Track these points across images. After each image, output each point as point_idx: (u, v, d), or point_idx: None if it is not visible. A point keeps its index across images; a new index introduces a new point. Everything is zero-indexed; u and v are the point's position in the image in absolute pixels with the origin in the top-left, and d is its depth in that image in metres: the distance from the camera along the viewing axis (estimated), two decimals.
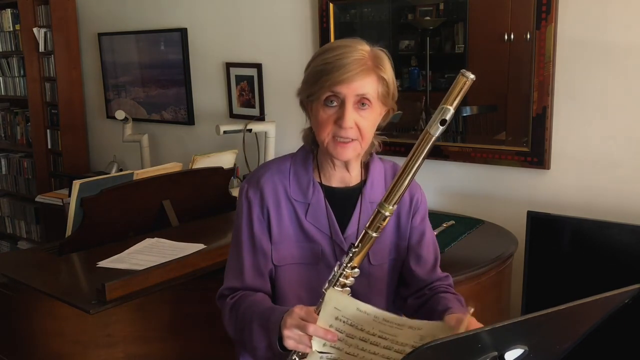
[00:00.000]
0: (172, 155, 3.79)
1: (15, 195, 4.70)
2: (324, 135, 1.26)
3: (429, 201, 2.84)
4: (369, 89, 1.24)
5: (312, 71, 1.26)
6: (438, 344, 0.87)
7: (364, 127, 1.26)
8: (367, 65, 1.23)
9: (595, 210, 2.30)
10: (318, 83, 1.23)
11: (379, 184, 1.40)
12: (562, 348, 1.09)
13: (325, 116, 1.25)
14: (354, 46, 1.25)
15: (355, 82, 1.21)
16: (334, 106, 1.24)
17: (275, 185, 1.36)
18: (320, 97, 1.24)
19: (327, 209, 1.35)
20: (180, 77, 3.75)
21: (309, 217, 1.35)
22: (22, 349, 2.02)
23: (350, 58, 1.21)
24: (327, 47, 1.28)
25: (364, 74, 1.22)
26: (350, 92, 1.22)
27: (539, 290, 2.05)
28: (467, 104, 2.76)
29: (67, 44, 4.26)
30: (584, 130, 2.37)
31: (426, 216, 1.46)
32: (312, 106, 1.29)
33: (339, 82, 1.21)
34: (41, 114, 4.41)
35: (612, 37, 2.25)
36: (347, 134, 1.24)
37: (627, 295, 1.03)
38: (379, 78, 1.25)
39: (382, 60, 1.27)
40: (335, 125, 1.24)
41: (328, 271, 1.24)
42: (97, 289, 1.78)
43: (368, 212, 1.35)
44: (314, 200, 1.35)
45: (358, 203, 1.37)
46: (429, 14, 2.77)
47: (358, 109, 1.25)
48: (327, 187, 1.37)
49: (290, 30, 3.15)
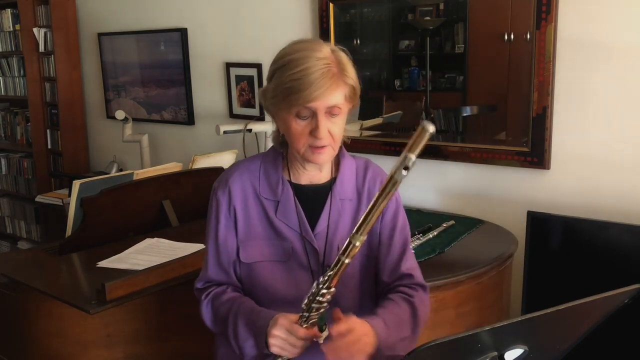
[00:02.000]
0: (172, 155, 3.79)
1: (15, 195, 4.70)
2: (299, 146, 1.30)
3: (429, 201, 2.87)
4: (338, 98, 1.27)
5: (281, 87, 1.26)
6: (438, 343, 0.87)
7: (336, 132, 1.30)
8: (334, 76, 1.25)
9: (595, 210, 2.30)
10: (287, 100, 1.25)
11: (349, 181, 1.42)
12: (562, 348, 1.09)
13: (299, 128, 1.28)
14: (316, 54, 1.25)
15: (326, 97, 1.24)
16: (307, 119, 1.27)
17: (243, 184, 1.39)
18: (291, 111, 1.27)
19: (297, 206, 1.37)
20: (180, 77, 3.75)
21: (279, 215, 1.37)
22: (22, 349, 2.02)
23: (317, 72, 1.23)
24: (290, 57, 1.27)
25: (334, 87, 1.25)
26: (321, 105, 1.25)
27: (539, 290, 2.05)
28: (467, 104, 2.76)
29: (67, 44, 4.26)
30: (584, 130, 2.37)
31: (398, 213, 1.45)
32: (282, 116, 1.31)
33: (310, 100, 1.23)
34: (41, 114, 4.41)
35: (612, 37, 2.25)
36: (322, 143, 1.28)
37: (627, 295, 1.03)
38: (345, 84, 1.28)
39: (346, 65, 1.29)
40: (310, 136, 1.28)
41: (299, 268, 1.34)
42: (97, 289, 1.78)
43: (338, 208, 1.39)
44: (283, 197, 1.38)
45: (328, 200, 1.39)
46: (429, 14, 2.77)
47: (329, 117, 1.28)
48: (296, 185, 1.40)
49: (290, 30, 3.15)
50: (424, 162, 2.79)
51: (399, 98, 2.98)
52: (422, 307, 1.38)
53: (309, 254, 1.37)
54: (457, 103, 2.78)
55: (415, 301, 1.37)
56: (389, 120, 2.99)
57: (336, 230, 1.38)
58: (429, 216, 2.60)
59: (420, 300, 1.39)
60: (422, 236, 2.27)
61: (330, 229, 1.37)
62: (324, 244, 1.38)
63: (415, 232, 2.31)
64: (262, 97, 1.35)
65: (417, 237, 2.25)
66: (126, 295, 1.83)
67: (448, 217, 2.56)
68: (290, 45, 1.31)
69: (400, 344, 1.29)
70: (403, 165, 1.05)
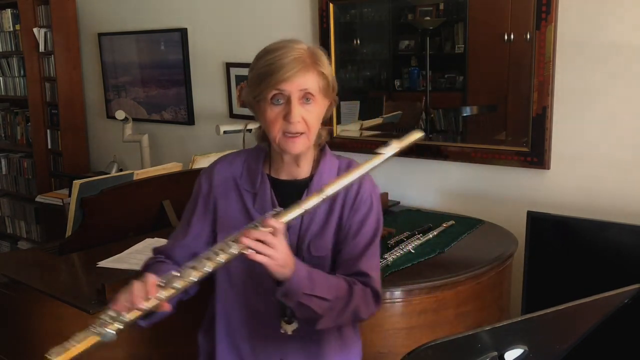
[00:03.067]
0: (172, 155, 3.79)
1: (15, 195, 4.70)
2: (274, 132, 1.35)
3: (429, 201, 2.87)
4: (311, 84, 1.32)
5: (256, 74, 1.35)
6: (438, 343, 0.87)
7: (310, 120, 1.35)
8: (306, 62, 1.32)
9: (595, 210, 2.30)
10: (263, 84, 1.32)
11: (328, 178, 1.43)
12: (562, 348, 1.09)
13: (273, 114, 1.34)
14: (291, 46, 1.33)
15: (298, 78, 1.30)
16: (281, 104, 1.33)
17: (226, 176, 1.46)
18: (266, 96, 1.33)
19: (273, 199, 1.42)
20: (180, 77, 3.75)
21: (257, 206, 1.42)
22: (22, 349, 2.02)
23: (289, 57, 1.31)
24: (267, 49, 1.36)
25: (305, 70, 1.31)
26: (294, 88, 1.31)
27: (539, 290, 2.05)
28: (467, 104, 2.76)
29: (67, 44, 4.26)
30: (583, 130, 2.37)
31: (369, 216, 1.44)
32: (260, 106, 1.37)
33: (282, 80, 1.30)
34: (41, 114, 4.41)
35: (612, 37, 2.25)
36: (296, 128, 1.33)
37: (627, 295, 1.03)
38: (318, 73, 1.34)
39: (320, 57, 1.36)
40: (284, 121, 1.33)
41: None
42: (97, 289, 1.78)
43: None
44: (261, 190, 1.43)
45: (304, 195, 1.41)
46: (429, 14, 2.77)
47: (303, 103, 1.33)
48: (275, 179, 1.45)
49: (290, 30, 3.15)
50: (424, 162, 2.79)
51: (399, 98, 2.98)
52: (360, 296, 1.35)
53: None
54: (457, 103, 2.78)
55: (357, 288, 1.35)
56: (389, 120, 2.99)
57: (309, 224, 1.41)
58: (429, 216, 2.60)
59: (363, 293, 1.36)
60: (422, 236, 2.27)
61: (303, 223, 1.41)
62: (297, 237, 1.41)
63: (415, 232, 2.31)
64: (243, 95, 1.41)
65: (417, 237, 2.25)
66: None
67: (448, 217, 2.55)
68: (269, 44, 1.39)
69: (316, 300, 1.28)
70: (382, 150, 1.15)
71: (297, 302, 1.27)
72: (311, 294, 1.27)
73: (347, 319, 1.38)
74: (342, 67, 3.00)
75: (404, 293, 1.93)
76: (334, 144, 3.05)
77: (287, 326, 1.41)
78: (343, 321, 1.39)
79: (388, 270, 1.98)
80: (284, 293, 1.26)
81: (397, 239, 2.24)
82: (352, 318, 1.38)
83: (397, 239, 2.24)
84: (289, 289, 1.25)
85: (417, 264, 2.05)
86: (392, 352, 1.93)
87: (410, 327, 1.94)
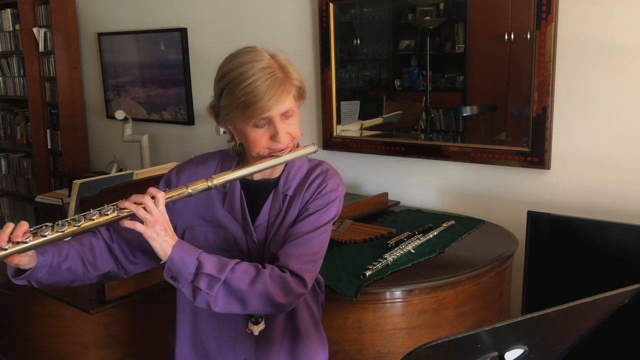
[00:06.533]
0: (172, 155, 3.79)
1: (15, 195, 4.70)
2: (258, 150, 1.36)
3: (429, 201, 2.87)
4: (289, 102, 1.35)
5: (235, 104, 1.33)
6: (438, 343, 0.87)
7: (294, 131, 1.38)
8: (281, 81, 1.32)
9: (595, 210, 2.30)
10: (245, 114, 1.32)
11: (295, 178, 1.45)
12: (562, 348, 1.09)
13: (258, 136, 1.35)
14: (258, 65, 1.33)
15: (279, 104, 1.32)
16: (263, 126, 1.35)
17: (196, 175, 1.45)
18: (248, 123, 1.34)
19: (242, 199, 1.44)
20: (180, 77, 3.75)
21: (226, 206, 1.44)
22: (22, 349, 2.02)
23: (265, 83, 1.30)
24: (234, 72, 1.35)
25: (282, 91, 1.32)
26: (276, 113, 1.33)
27: (539, 290, 2.05)
28: (467, 104, 2.76)
29: (67, 44, 4.26)
30: (584, 130, 2.37)
31: (318, 211, 1.41)
32: (237, 127, 1.38)
33: (265, 110, 1.31)
34: (41, 114, 4.42)
35: (612, 37, 2.25)
36: (284, 145, 1.36)
37: (627, 295, 1.03)
38: (292, 86, 1.36)
39: (289, 68, 1.37)
40: (270, 140, 1.35)
41: (240, 257, 1.36)
42: (97, 289, 1.78)
43: (279, 203, 1.43)
44: (231, 190, 1.44)
45: (270, 195, 1.44)
46: (429, 14, 2.77)
47: (284, 120, 1.35)
48: (247, 180, 1.45)
49: (290, 30, 3.15)
50: (424, 162, 2.79)
51: (399, 98, 2.98)
52: (270, 279, 1.31)
53: (249, 244, 1.43)
54: (457, 103, 2.78)
55: (266, 271, 1.32)
56: (389, 120, 2.99)
57: (275, 223, 1.42)
58: (429, 216, 2.60)
59: (277, 276, 1.32)
60: (422, 236, 2.27)
61: (270, 222, 1.42)
62: (264, 236, 1.42)
63: (416, 232, 2.31)
64: (212, 113, 1.44)
65: (417, 237, 2.25)
66: (126, 295, 1.83)
67: (448, 217, 2.55)
68: (229, 60, 1.40)
69: (206, 278, 1.26)
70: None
71: (189, 284, 1.26)
72: (199, 271, 1.25)
73: (256, 304, 1.30)
74: (342, 67, 3.00)
75: (404, 293, 1.93)
76: (334, 143, 3.05)
77: (254, 327, 1.42)
78: (253, 306, 1.31)
79: (388, 270, 1.98)
80: (169, 270, 1.25)
81: (397, 239, 2.24)
82: (264, 303, 1.31)
83: (397, 239, 2.24)
84: (173, 266, 1.25)
85: (417, 264, 2.05)
86: (392, 352, 1.93)
87: (410, 327, 1.94)
